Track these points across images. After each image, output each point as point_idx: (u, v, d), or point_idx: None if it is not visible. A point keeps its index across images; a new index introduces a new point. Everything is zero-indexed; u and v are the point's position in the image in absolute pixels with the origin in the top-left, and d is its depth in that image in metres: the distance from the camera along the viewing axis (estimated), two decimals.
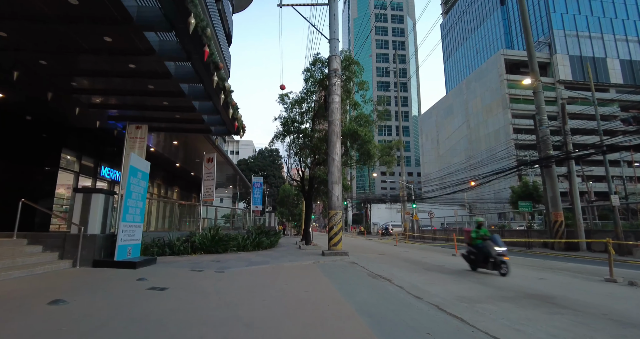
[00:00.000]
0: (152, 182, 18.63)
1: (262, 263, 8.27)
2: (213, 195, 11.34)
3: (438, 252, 14.91)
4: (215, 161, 11.42)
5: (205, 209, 15.75)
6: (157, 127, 10.12)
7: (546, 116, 15.18)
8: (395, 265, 9.72)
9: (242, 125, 9.94)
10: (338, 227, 11.47)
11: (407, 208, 31.65)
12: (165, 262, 7.77)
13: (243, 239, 11.86)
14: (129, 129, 8.47)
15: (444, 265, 9.70)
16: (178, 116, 9.37)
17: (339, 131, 12.25)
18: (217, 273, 6.47)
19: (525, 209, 16.25)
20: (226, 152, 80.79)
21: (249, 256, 10.12)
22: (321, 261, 9.64)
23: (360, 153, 15.12)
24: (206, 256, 9.46)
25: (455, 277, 7.34)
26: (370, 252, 14.64)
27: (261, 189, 16.46)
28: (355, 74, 14.26)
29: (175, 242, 9.33)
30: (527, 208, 16.15)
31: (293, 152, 16.01)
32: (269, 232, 14.73)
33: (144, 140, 8.53)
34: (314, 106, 15.70)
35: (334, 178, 11.87)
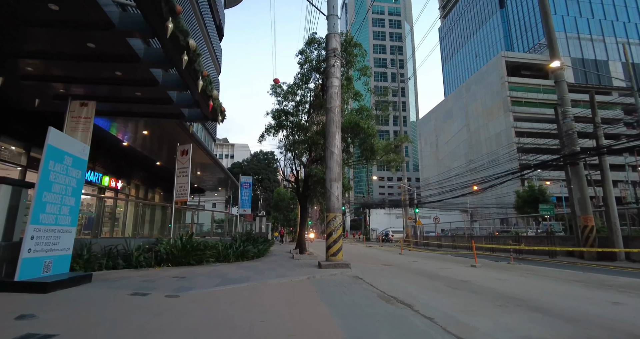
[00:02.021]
0: (129, 182, 16.69)
1: (239, 281, 6.33)
2: (187, 195, 9.43)
3: (452, 262, 13.01)
4: (191, 154, 9.54)
5: (185, 213, 13.80)
6: (114, 111, 8.24)
7: (570, 107, 13.49)
8: (409, 280, 7.82)
9: (219, 107, 8.08)
10: (337, 234, 9.58)
11: (408, 213, 29.77)
12: (107, 279, 5.82)
13: (224, 248, 9.91)
14: (72, 107, 6.59)
15: (469, 280, 7.81)
16: (139, 94, 7.50)
17: (338, 119, 10.43)
18: (167, 298, 4.55)
19: (546, 212, 14.46)
20: (220, 156, 78.86)
21: (227, 269, 8.17)
22: (317, 275, 7.72)
23: (362, 149, 13.29)
24: (172, 270, 7.51)
25: (499, 300, 5.45)
26: (374, 262, 12.72)
27: (250, 190, 14.57)
28: (356, 57, 12.49)
29: (133, 253, 7.37)
30: (549, 211, 14.37)
31: (285, 148, 14.12)
32: (257, 240, 12.80)
33: (90, 120, 6.64)
34: (310, 96, 13.89)
35: (333, 175, 10.01)
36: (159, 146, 13.40)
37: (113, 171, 14.74)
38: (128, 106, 8.05)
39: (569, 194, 13.83)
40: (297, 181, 15.34)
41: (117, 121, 10.11)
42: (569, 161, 12.78)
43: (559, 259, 13.42)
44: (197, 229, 14.99)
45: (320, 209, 21.37)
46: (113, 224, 9.19)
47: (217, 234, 13.55)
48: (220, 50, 27.29)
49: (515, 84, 53.41)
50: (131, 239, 7.85)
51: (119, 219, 9.81)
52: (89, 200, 10.24)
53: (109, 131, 11.63)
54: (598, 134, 12.33)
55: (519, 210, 37.60)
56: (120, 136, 11.86)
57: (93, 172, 12.92)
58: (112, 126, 10.96)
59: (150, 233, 10.12)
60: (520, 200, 36.97)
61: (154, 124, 9.95)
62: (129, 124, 10.19)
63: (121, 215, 10.00)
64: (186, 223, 12.74)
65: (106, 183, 13.71)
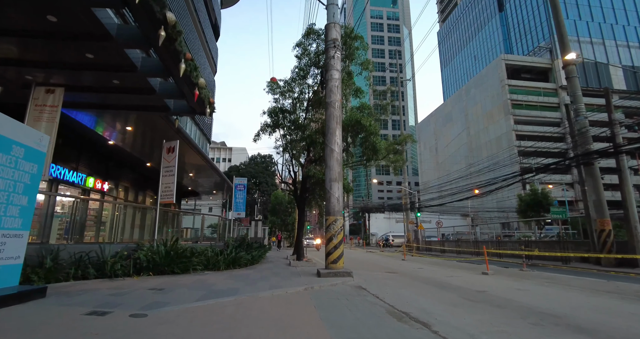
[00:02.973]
0: (117, 184, 15.83)
1: (226, 293, 5.47)
2: (173, 196, 8.58)
3: (460, 268, 12.16)
4: (177, 151, 8.71)
5: (176, 217, 12.93)
6: (90, 102, 7.43)
7: (583, 104, 12.77)
8: (419, 291, 6.96)
9: (207, 98, 7.28)
10: (338, 239, 8.73)
11: (409, 217, 28.91)
12: (68, 293, 4.95)
13: (214, 255, 9.04)
14: (36, 93, 5.78)
15: (486, 290, 6.96)
16: (117, 82, 6.69)
17: (339, 114, 9.64)
18: (132, 318, 3.69)
19: (559, 215, 13.65)
20: (217, 159, 77.91)
21: (215, 278, 7.30)
22: (316, 285, 6.86)
23: (363, 148, 12.48)
24: (152, 280, 6.64)
25: (529, 317, 4.62)
26: (377, 269, 11.84)
27: (244, 193, 13.70)
28: (357, 50, 11.73)
29: (107, 260, 6.50)
30: (562, 214, 13.56)
31: (282, 148, 13.28)
32: (252, 245, 11.93)
33: (57, 110, 5.82)
34: (308, 93, 13.12)
35: (333, 174, 9.19)
36: (146, 145, 12.58)
37: (99, 172, 13.89)
38: (104, 96, 7.24)
39: (582, 196, 13.05)
40: (295, 183, 14.50)
41: (99, 116, 9.29)
42: (584, 160, 12.02)
43: (573, 266, 12.58)
44: (192, 234, 14.13)
45: (319, 212, 20.47)
46: (99, 228, 8.31)
47: (208, 239, 12.67)
48: (216, 49, 26.60)
49: (515, 86, 52.97)
50: (107, 245, 6.97)
51: (102, 222, 8.92)
52: (68, 202, 9.41)
53: (95, 129, 10.84)
54: (615, 132, 11.60)
55: (521, 214, 36.82)
56: (104, 133, 11.03)
57: (76, 173, 12.06)
58: (97, 123, 10.14)
59: (132, 238, 9.24)
60: (523, 204, 36.18)
61: (138, 119, 9.14)
62: (111, 119, 9.36)
63: (105, 219, 9.09)
64: (175, 228, 11.86)
65: (91, 184, 12.84)
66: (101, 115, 9.14)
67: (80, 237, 8.12)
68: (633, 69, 55.81)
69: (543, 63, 55.55)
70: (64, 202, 11.40)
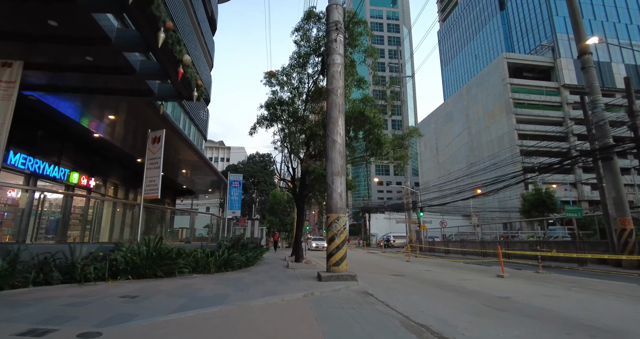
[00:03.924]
0: (105, 180, 14.98)
1: (211, 302, 4.63)
2: (158, 190, 7.75)
3: (471, 270, 11.34)
4: (163, 141, 7.87)
5: (165, 215, 12.09)
6: (58, 84, 6.58)
7: (600, 95, 11.98)
8: (433, 296, 6.14)
9: (194, 79, 6.46)
10: (341, 239, 7.90)
11: (412, 217, 28.10)
12: (16, 302, 4.11)
13: (204, 256, 8.20)
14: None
15: (509, 296, 6.13)
16: (90, 59, 5.86)
17: (341, 102, 8.82)
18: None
19: (574, 214, 12.85)
20: (216, 159, 77.03)
21: (203, 283, 6.46)
22: (316, 291, 6.03)
23: (366, 142, 11.65)
24: (129, 285, 5.79)
25: (576, 331, 3.79)
26: (381, 271, 11.01)
27: (240, 190, 12.83)
28: (360, 36, 10.90)
29: (77, 262, 5.66)
30: (577, 213, 12.76)
31: (280, 142, 12.41)
32: (247, 245, 11.09)
33: (14, 87, 4.99)
34: (308, 83, 12.27)
35: (335, 168, 8.37)
36: (136, 139, 11.72)
37: (85, 167, 13.04)
38: (79, 77, 6.39)
39: (600, 194, 12.26)
40: (294, 180, 13.64)
41: (78, 103, 8.45)
42: (602, 155, 11.23)
43: (591, 268, 11.77)
44: (187, 234, 13.25)
45: (319, 210, 19.57)
46: (84, 227, 7.45)
47: (203, 239, 11.82)
48: (212, 43, 25.74)
49: (517, 85, 52.27)
50: (78, 245, 6.12)
51: (80, 220, 8.06)
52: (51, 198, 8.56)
53: (77, 120, 10.00)
54: (637, 124, 10.80)
55: (525, 214, 36.12)
56: (87, 124, 10.18)
57: (58, 168, 11.20)
58: (78, 112, 9.30)
59: (112, 238, 8.38)
60: (526, 204, 35.47)
61: (120, 106, 8.30)
62: (91, 107, 8.52)
63: (81, 215, 8.22)
64: (166, 227, 11.00)
65: (75, 180, 11.98)
66: (80, 102, 8.31)
67: (61, 236, 7.30)
68: (636, 68, 55.25)
69: (545, 61, 54.89)
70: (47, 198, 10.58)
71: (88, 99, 8.07)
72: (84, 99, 8.18)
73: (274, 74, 12.84)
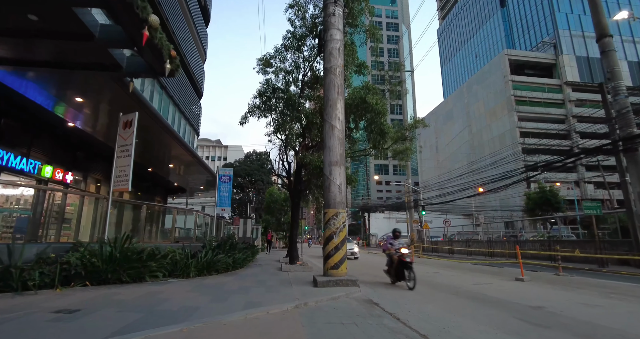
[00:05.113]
0: (86, 175, 13.90)
1: (170, 319, 3.57)
2: (128, 182, 6.69)
3: (482, 273, 10.29)
4: (135, 125, 6.81)
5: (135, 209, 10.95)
6: (16, 59, 5.51)
7: (622, 81, 10.98)
8: (451, 306, 5.08)
9: (166, 47, 5.40)
10: (340, 238, 6.86)
11: (413, 216, 27.07)
12: None
13: (183, 258, 7.14)
14: None
15: (543, 306, 5.09)
16: (34, 18, 4.80)
17: (341, 83, 7.78)
18: None
19: (592, 211, 11.83)
20: (213, 158, 76.01)
21: (175, 290, 5.40)
22: (311, 300, 4.98)
23: (368, 132, 10.59)
24: (77, 294, 4.73)
25: None
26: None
27: (230, 185, 11.77)
28: (361, 13, 9.84)
29: (14, 267, 4.59)
30: (595, 210, 11.74)
31: (274, 131, 11.28)
32: (236, 246, 10.03)
33: None
34: (304, 68, 11.20)
35: (334, 157, 7.33)
36: (112, 128, 10.64)
37: (62, 160, 11.97)
38: (27, 44, 5.31)
39: (622, 189, 11.24)
40: (289, 175, 12.56)
41: (40, 83, 7.37)
42: (626, 146, 10.23)
43: (614, 270, 10.75)
44: (182, 234, 12.15)
45: (316, 207, 18.40)
46: (64, 226, 6.37)
47: (186, 239, 10.74)
48: (205, 34, 24.69)
49: (519, 83, 51.33)
50: (20, 246, 5.04)
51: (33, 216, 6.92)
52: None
53: (46, 106, 8.94)
54: None
55: (529, 212, 35.20)
56: (56, 109, 9.10)
57: (27, 160, 10.13)
58: (43, 96, 8.22)
59: (93, 238, 7.24)
60: (530, 202, 34.55)
61: (86, 85, 7.21)
62: (53, 87, 7.43)
63: (60, 212, 7.03)
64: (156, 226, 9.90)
65: (48, 174, 10.89)
66: (41, 82, 7.23)
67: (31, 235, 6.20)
68: (639, 65, 54.37)
69: (547, 58, 53.99)
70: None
71: (48, 78, 7.00)
72: (48, 79, 7.12)
73: (269, 63, 11.77)
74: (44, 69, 6.14)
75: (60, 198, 7.81)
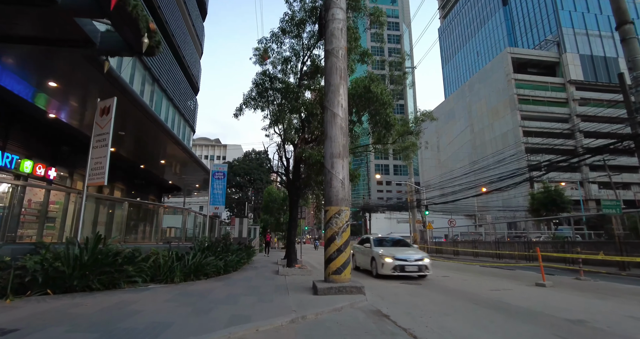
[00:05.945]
0: (72, 172, 13.11)
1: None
2: (105, 175, 5.93)
3: (496, 276, 9.51)
4: (114, 112, 6.05)
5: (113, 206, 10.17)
6: None
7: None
8: (474, 319, 4.30)
9: (143, 18, 4.65)
10: (343, 239, 6.08)
11: (416, 216, 26.31)
12: None
13: (167, 261, 6.36)
14: None
15: (583, 319, 4.31)
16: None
17: (344, 66, 7.00)
18: None
19: (612, 210, 11.06)
20: (212, 157, 75.31)
21: (150, 300, 4.63)
22: (310, 312, 4.20)
23: (372, 124, 9.83)
24: (30, 306, 3.94)
25: None
26: (391, 278, 9.16)
27: (224, 182, 10.98)
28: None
29: None
30: (615, 209, 10.97)
31: (270, 123, 10.48)
32: (229, 247, 9.25)
33: None
34: (302, 56, 10.41)
35: (336, 148, 6.55)
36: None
37: (44, 155, 11.19)
38: None
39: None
40: (288, 172, 11.77)
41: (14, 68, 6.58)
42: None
43: (635, 273, 9.98)
44: (178, 234, 11.34)
45: (316, 206, 17.57)
46: (48, 225, 5.61)
47: (171, 239, 9.96)
48: (202, 29, 23.94)
49: (521, 81, 50.56)
50: None
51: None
52: None
53: (22, 95, 8.18)
54: None
55: (534, 213, 34.48)
56: (34, 99, 8.33)
57: (3, 154, 9.35)
58: (15, 81, 7.43)
59: (41, 237, 6.48)
60: (535, 202, 33.82)
61: (57, 68, 6.42)
62: (23, 70, 6.64)
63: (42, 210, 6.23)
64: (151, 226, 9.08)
65: (28, 169, 10.11)
66: (12, 65, 6.44)
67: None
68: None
69: (550, 57, 53.24)
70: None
71: (18, 59, 6.23)
72: (17, 60, 6.34)
73: (267, 55, 10.98)
74: (3, 45, 5.36)
75: (43, 195, 7.03)
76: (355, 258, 10.69)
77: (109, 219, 8.21)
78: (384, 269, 8.43)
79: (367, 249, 9.72)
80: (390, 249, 9.12)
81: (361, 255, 10.26)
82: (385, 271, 8.40)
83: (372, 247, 9.48)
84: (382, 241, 10.18)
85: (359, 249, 10.57)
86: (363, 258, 10.04)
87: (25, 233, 7.47)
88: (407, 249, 9.48)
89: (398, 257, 8.51)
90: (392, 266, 8.34)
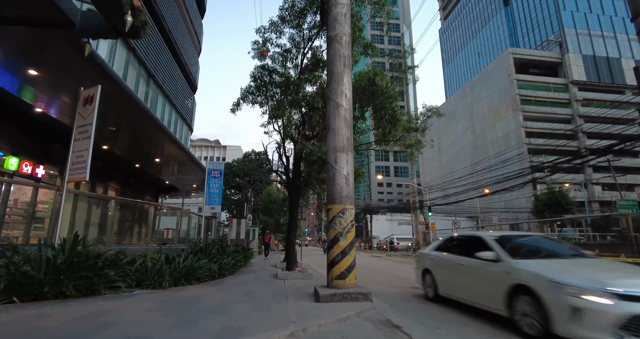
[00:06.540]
0: (62, 171, 12.56)
1: None
2: (86, 170, 5.42)
3: None
4: (97, 101, 5.54)
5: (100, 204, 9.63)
6: None
7: None
8: None
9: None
10: (347, 240, 5.53)
11: (418, 218, 25.76)
12: None
13: (156, 264, 5.83)
14: None
15: None
16: None
17: (348, 53, 6.50)
18: None
19: (628, 210, 10.55)
20: (212, 158, 75.03)
21: (132, 308, 4.10)
22: (311, 323, 3.67)
23: (377, 120, 9.31)
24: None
25: None
26: (398, 282, 8.60)
27: (221, 181, 10.49)
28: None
29: None
30: (631, 209, 10.45)
31: (269, 116, 9.95)
32: (225, 249, 8.72)
33: None
34: (303, 48, 9.93)
35: (340, 141, 6.03)
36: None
37: (31, 152, 10.69)
38: None
39: None
40: (287, 171, 11.23)
41: None
42: None
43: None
44: (175, 235, 10.80)
45: (317, 205, 16.99)
46: (36, 226, 5.12)
47: (164, 241, 9.47)
48: (200, 26, 23.50)
49: (523, 82, 50.12)
50: None
51: None
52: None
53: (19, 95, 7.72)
54: None
55: (537, 214, 33.93)
56: (15, 90, 7.83)
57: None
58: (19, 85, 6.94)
59: (21, 237, 5.98)
60: (539, 204, 33.30)
61: (35, 51, 5.90)
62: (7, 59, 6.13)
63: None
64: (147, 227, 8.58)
65: (13, 167, 9.59)
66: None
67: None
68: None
69: (552, 57, 52.86)
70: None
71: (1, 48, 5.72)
72: None
73: (266, 50, 10.49)
74: None
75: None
76: (438, 277, 5.62)
77: (96, 219, 7.69)
78: (584, 328, 3.13)
79: (484, 266, 4.46)
80: (572, 268, 3.92)
81: (458, 275, 5.11)
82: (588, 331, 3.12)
83: (507, 260, 4.21)
84: (519, 244, 4.97)
85: (448, 262, 5.49)
86: (468, 282, 4.89)
87: (12, 234, 6.99)
88: (610, 265, 4.90)
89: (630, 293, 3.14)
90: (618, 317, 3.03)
